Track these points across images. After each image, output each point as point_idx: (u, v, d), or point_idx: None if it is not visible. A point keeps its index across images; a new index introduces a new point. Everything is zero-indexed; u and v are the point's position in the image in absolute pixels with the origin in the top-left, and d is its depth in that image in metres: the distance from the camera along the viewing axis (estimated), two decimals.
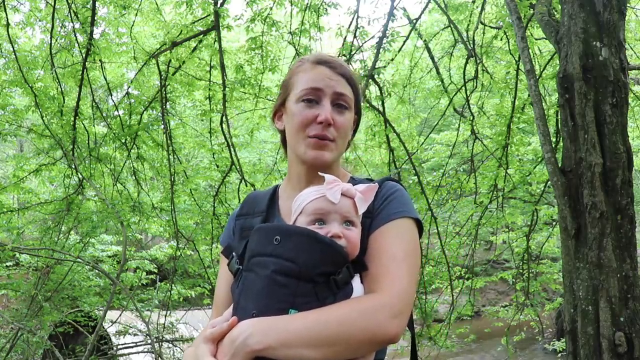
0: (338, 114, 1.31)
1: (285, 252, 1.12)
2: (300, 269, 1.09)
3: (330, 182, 1.19)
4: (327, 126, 1.28)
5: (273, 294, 1.10)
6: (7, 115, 5.88)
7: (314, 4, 5.44)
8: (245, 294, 1.14)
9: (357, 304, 1.11)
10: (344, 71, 1.34)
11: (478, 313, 11.57)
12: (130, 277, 8.04)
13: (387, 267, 1.18)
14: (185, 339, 7.85)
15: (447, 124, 9.92)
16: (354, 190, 1.20)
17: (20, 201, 8.12)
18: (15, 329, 6.32)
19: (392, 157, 5.82)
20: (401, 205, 1.27)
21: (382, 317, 1.10)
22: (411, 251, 1.23)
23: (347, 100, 1.33)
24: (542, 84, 5.93)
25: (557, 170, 3.17)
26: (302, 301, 1.09)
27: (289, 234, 1.15)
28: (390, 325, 1.10)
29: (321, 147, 1.29)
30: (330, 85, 1.30)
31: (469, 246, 7.16)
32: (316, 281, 1.10)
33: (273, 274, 1.10)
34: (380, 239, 1.23)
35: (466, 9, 6.34)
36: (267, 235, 1.17)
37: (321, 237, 1.14)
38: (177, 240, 6.45)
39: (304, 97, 1.31)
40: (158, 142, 6.06)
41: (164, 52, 5.26)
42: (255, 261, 1.15)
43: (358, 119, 1.45)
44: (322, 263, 1.12)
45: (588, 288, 3.04)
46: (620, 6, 3.20)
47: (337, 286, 1.12)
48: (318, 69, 1.32)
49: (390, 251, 1.20)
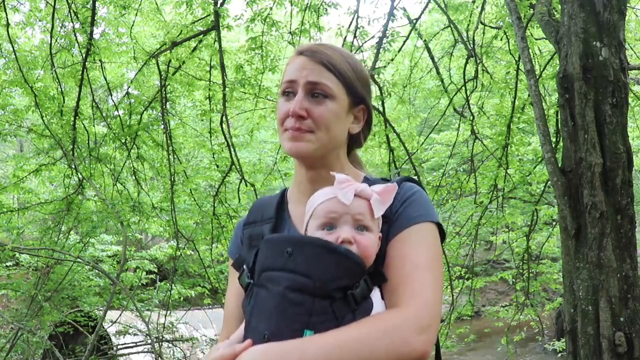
0: (316, 104, 1.20)
1: (298, 265, 1.02)
2: (315, 284, 1.00)
3: (342, 181, 1.09)
4: (298, 118, 1.19)
5: (286, 313, 1.00)
6: (7, 115, 5.88)
7: (314, 4, 5.44)
8: (257, 313, 1.05)
9: (378, 321, 1.02)
10: (323, 58, 1.22)
11: (478, 313, 11.58)
12: (130, 277, 8.04)
13: (409, 277, 1.08)
14: (185, 339, 7.85)
15: (447, 124, 9.92)
16: (370, 191, 1.10)
17: (20, 201, 8.12)
18: (15, 329, 6.32)
19: (392, 157, 5.82)
20: (422, 209, 1.17)
21: (407, 333, 1.01)
22: (435, 258, 1.13)
23: (324, 88, 1.20)
24: (542, 84, 5.93)
25: (557, 170, 3.17)
26: (318, 320, 0.99)
27: (301, 245, 1.06)
28: (416, 341, 1.00)
29: (296, 139, 1.20)
30: (303, 75, 1.20)
31: (469, 246, 7.16)
32: (333, 297, 1.01)
33: (286, 290, 1.01)
34: (401, 246, 1.13)
35: (466, 9, 6.34)
36: (277, 247, 1.08)
37: (335, 247, 1.04)
38: (177, 240, 6.45)
39: (283, 91, 1.24)
40: (158, 142, 6.06)
41: (164, 52, 5.26)
42: (267, 276, 1.06)
43: (368, 111, 1.31)
44: (338, 276, 1.02)
45: (588, 288, 3.04)
46: (620, 6, 3.20)
47: (355, 302, 1.03)
48: (296, 60, 1.24)
49: (413, 259, 1.10)
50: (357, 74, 1.26)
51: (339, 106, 1.23)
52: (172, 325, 7.64)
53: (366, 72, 1.33)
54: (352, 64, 1.26)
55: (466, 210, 7.29)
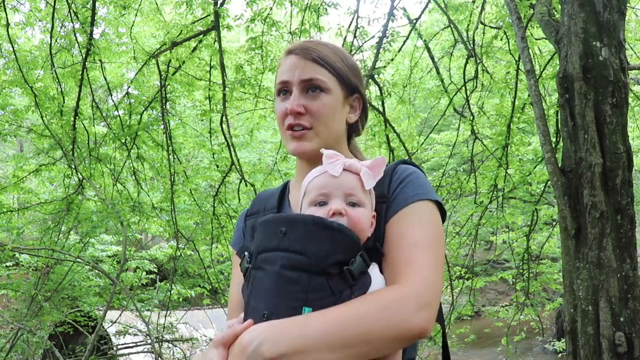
0: (312, 99, 1.24)
1: (292, 243, 1.03)
2: (310, 261, 1.00)
3: (331, 156, 1.11)
4: (297, 115, 1.23)
5: (283, 291, 1.01)
6: (7, 115, 5.87)
7: (314, 4, 5.44)
8: (255, 294, 1.06)
9: (377, 298, 1.02)
10: (312, 54, 1.25)
11: (478, 313, 11.57)
12: (130, 277, 8.04)
13: (409, 255, 1.08)
14: (185, 339, 7.85)
15: (447, 124, 9.92)
16: (359, 164, 1.11)
17: (20, 201, 8.11)
18: (15, 329, 6.32)
19: (392, 157, 5.81)
20: (419, 187, 1.17)
21: (406, 310, 1.01)
22: (435, 236, 1.12)
23: (318, 83, 1.24)
24: (542, 84, 5.92)
25: (557, 170, 3.17)
26: (316, 297, 1.00)
27: (293, 223, 1.06)
28: (416, 318, 1.00)
29: (298, 138, 1.24)
30: (295, 74, 1.25)
31: (469, 246, 7.16)
32: (329, 273, 1.01)
33: (281, 269, 1.02)
34: (399, 225, 1.13)
35: (466, 9, 6.34)
36: (272, 227, 1.08)
37: (328, 222, 1.05)
38: (177, 240, 6.45)
39: (278, 92, 1.29)
40: (158, 142, 6.06)
41: (164, 52, 5.26)
42: (263, 257, 1.07)
43: (362, 99, 1.34)
44: (333, 252, 1.02)
45: (588, 288, 3.04)
46: (620, 6, 3.20)
47: (352, 277, 1.03)
48: (287, 60, 1.28)
49: (412, 237, 1.10)
50: (347, 65, 1.30)
51: (335, 98, 1.26)
52: (172, 326, 7.64)
53: (355, 62, 1.37)
54: (341, 56, 1.30)
55: (466, 210, 7.29)
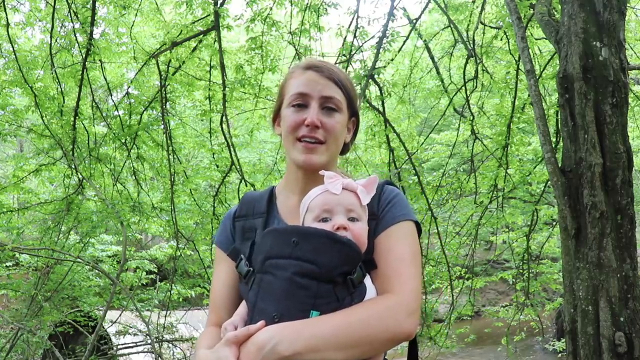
0: (327, 116, 1.34)
1: (305, 253, 1.15)
2: (321, 271, 1.13)
3: (331, 176, 1.24)
4: (314, 128, 1.32)
5: (294, 295, 1.13)
6: (7, 115, 5.87)
7: (314, 4, 5.44)
8: (264, 296, 1.16)
9: (376, 305, 1.17)
10: (333, 75, 1.36)
11: (478, 313, 11.57)
12: (130, 277, 8.04)
13: (397, 268, 1.24)
14: (185, 339, 7.85)
15: (447, 124, 9.91)
16: (355, 184, 1.25)
17: (20, 201, 8.11)
18: (15, 329, 6.32)
19: (392, 157, 5.81)
20: (403, 209, 1.34)
21: (399, 316, 1.17)
22: (416, 252, 1.30)
23: (336, 102, 1.35)
24: (542, 84, 5.92)
25: (557, 170, 3.17)
26: (323, 302, 1.13)
27: (306, 235, 1.18)
28: (406, 323, 1.17)
29: (311, 151, 1.33)
30: (317, 90, 1.34)
31: (469, 246, 7.16)
32: (336, 281, 1.14)
33: (293, 275, 1.13)
34: (388, 241, 1.28)
35: (466, 9, 6.34)
36: (283, 237, 1.20)
37: (339, 237, 1.17)
38: (177, 240, 6.45)
39: (293, 103, 1.35)
40: (158, 142, 6.06)
41: (164, 52, 5.26)
42: (273, 263, 1.17)
43: (357, 122, 1.48)
44: (341, 263, 1.16)
45: (588, 288, 3.04)
46: (620, 6, 3.19)
47: (353, 285, 1.17)
48: (306, 74, 1.36)
49: (399, 252, 1.27)
50: (354, 90, 1.44)
51: (344, 119, 1.39)
52: (172, 326, 7.64)
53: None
54: (350, 81, 1.43)
55: (466, 210, 7.29)
